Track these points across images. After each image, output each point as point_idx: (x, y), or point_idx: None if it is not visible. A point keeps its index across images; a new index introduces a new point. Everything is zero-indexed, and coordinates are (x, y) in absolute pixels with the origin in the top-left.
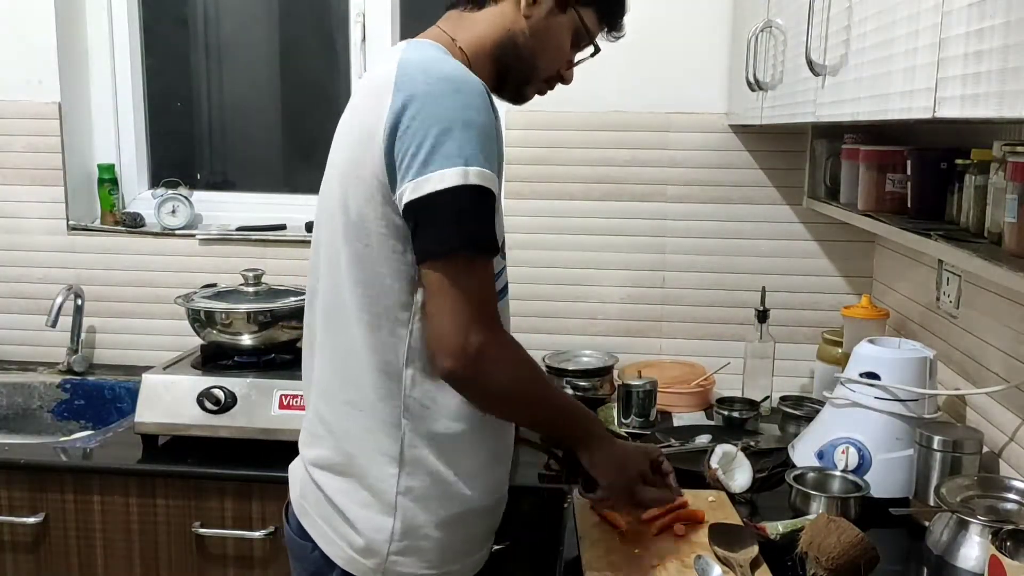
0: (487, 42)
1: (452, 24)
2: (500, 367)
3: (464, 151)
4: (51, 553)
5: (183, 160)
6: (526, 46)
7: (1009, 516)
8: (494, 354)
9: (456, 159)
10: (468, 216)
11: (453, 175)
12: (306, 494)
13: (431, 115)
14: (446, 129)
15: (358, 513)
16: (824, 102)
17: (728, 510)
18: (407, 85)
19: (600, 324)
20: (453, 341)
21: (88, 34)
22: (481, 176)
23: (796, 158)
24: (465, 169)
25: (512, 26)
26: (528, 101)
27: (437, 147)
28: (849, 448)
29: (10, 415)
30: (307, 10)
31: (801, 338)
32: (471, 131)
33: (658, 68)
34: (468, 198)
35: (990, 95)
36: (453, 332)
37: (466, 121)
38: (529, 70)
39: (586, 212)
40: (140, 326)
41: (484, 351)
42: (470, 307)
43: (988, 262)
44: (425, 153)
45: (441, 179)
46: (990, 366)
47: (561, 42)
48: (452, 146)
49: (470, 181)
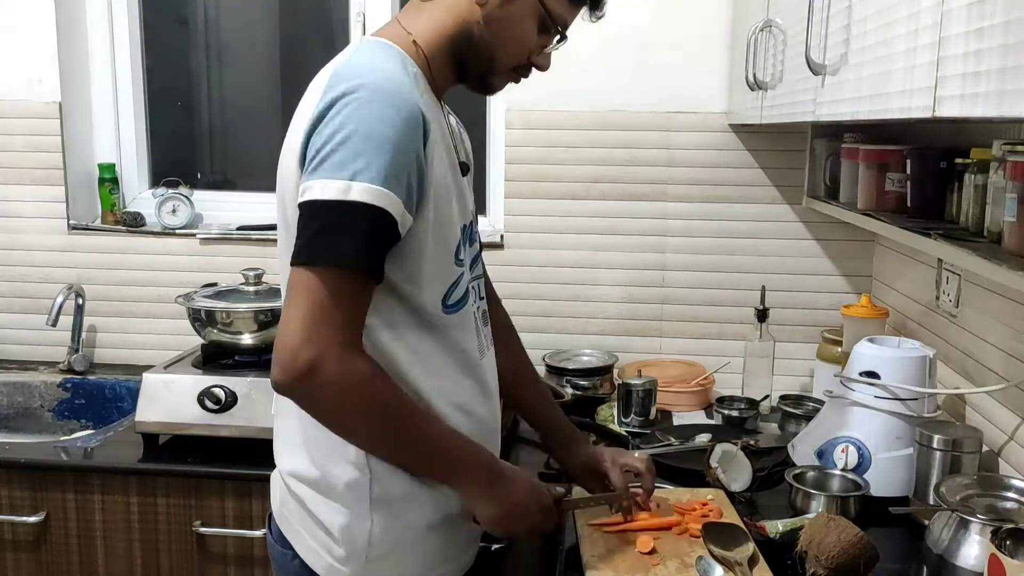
0: (443, 35)
1: (410, 17)
2: (327, 391)
3: (354, 164)
4: (52, 552)
5: (183, 159)
6: (482, 37)
7: (1008, 515)
8: (323, 375)
9: (342, 171)
10: (336, 230)
11: (333, 188)
12: (285, 503)
13: (340, 121)
14: (346, 138)
15: (335, 521)
16: (824, 101)
17: (728, 508)
18: (334, 87)
19: (600, 323)
20: (284, 353)
21: (88, 34)
22: (366, 193)
23: (796, 157)
24: (348, 184)
25: (468, 16)
26: (498, 91)
27: (331, 154)
28: (849, 447)
29: (11, 414)
30: (307, 10)
31: (801, 337)
32: (370, 143)
33: (658, 67)
34: (342, 213)
35: (990, 94)
36: (287, 343)
37: (369, 132)
38: (487, 62)
39: (586, 212)
40: (141, 325)
41: (313, 369)
42: (311, 321)
43: (988, 261)
44: (320, 158)
45: (322, 189)
46: (990, 365)
47: (522, 31)
48: (345, 156)
49: (349, 197)
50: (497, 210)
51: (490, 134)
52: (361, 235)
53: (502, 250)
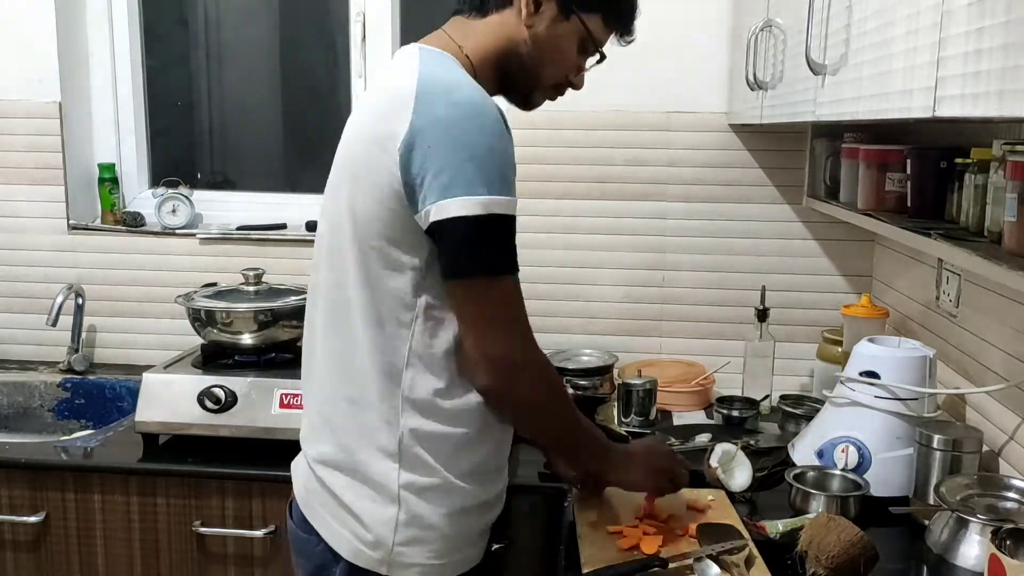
0: (490, 51)
1: (458, 31)
2: (533, 382)
3: (486, 179)
4: (52, 552)
5: (183, 159)
6: (529, 55)
7: (1009, 515)
8: (527, 369)
9: (479, 187)
10: (490, 242)
11: (476, 204)
12: (311, 489)
13: (454, 139)
14: (470, 156)
15: (363, 507)
16: (824, 101)
17: (728, 510)
18: (428, 105)
19: (600, 323)
20: (496, 362)
21: (88, 33)
22: (502, 205)
23: (796, 157)
24: (488, 199)
25: (515, 35)
26: (537, 107)
27: (461, 173)
28: (849, 447)
29: (11, 414)
30: (307, 10)
31: (801, 337)
32: (493, 158)
33: (658, 68)
34: (490, 225)
35: (990, 94)
36: (494, 352)
37: (489, 148)
38: (533, 79)
39: (586, 211)
40: (140, 325)
41: (526, 369)
42: (510, 326)
43: (988, 261)
44: (448, 176)
45: (463, 206)
46: (990, 365)
47: (565, 50)
48: (475, 173)
49: (492, 211)
50: None
51: None
52: (507, 243)
53: None
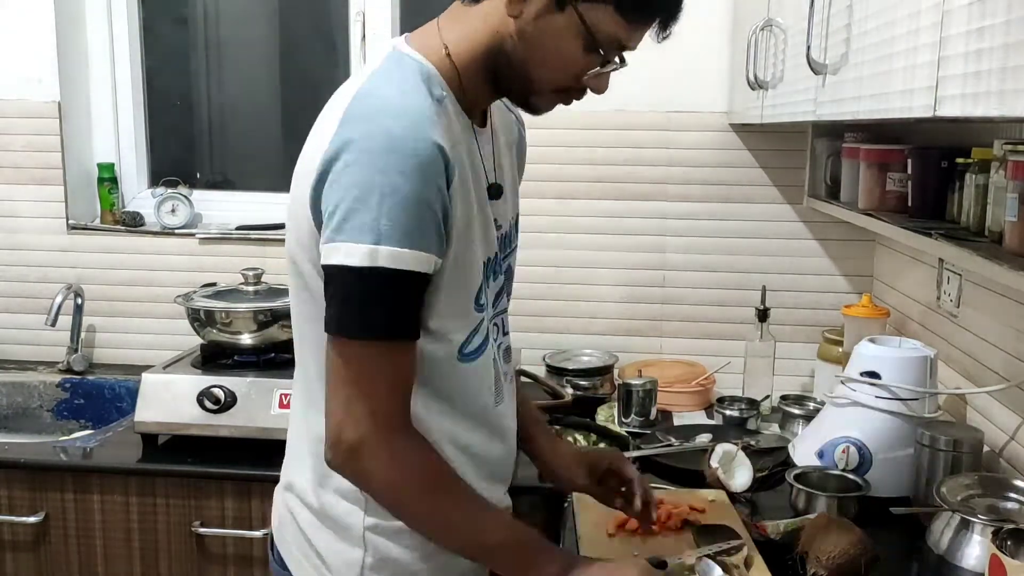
0: (477, 46)
1: (450, 23)
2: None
3: (378, 226)
4: (51, 552)
5: (183, 159)
6: (515, 52)
7: (1010, 515)
8: (367, 457)
9: (366, 234)
10: (370, 300)
11: (359, 253)
12: (284, 523)
13: (356, 173)
14: (366, 195)
15: (328, 548)
16: (824, 101)
17: (728, 510)
18: (348, 128)
19: (600, 323)
20: (331, 432)
21: (88, 33)
22: (392, 258)
23: (796, 157)
24: (374, 249)
25: (501, 28)
26: (544, 112)
27: (351, 215)
28: (849, 447)
29: (10, 414)
30: (307, 10)
31: (802, 337)
32: (392, 201)
33: (658, 67)
34: (372, 280)
35: (990, 94)
36: (332, 422)
37: (390, 189)
38: (524, 80)
39: (586, 211)
40: (140, 325)
41: (355, 451)
42: (350, 399)
43: (989, 261)
44: (339, 217)
45: (347, 254)
46: (991, 365)
47: (561, 48)
48: (367, 217)
49: (377, 263)
50: None
51: None
52: (393, 302)
53: None
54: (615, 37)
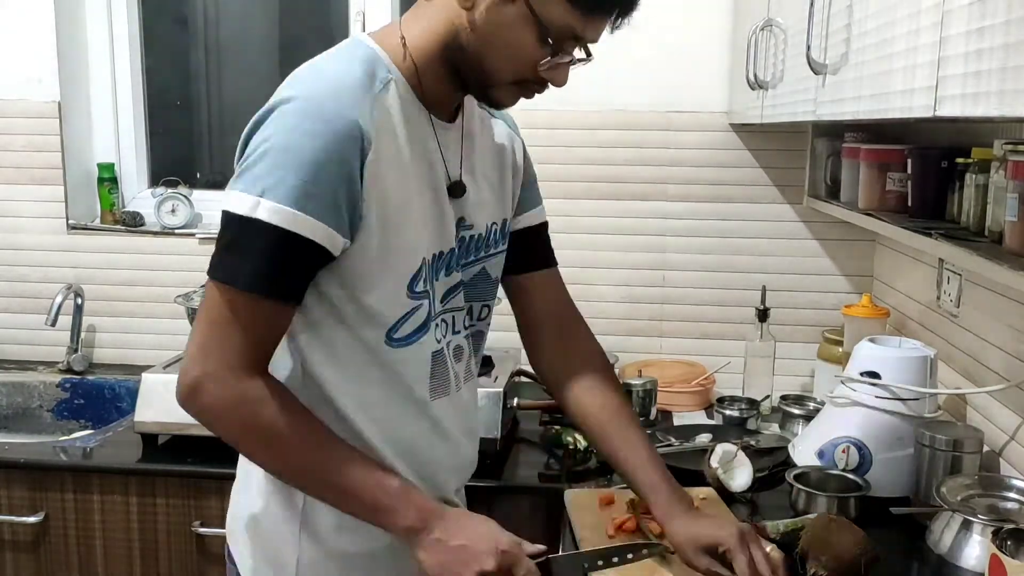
0: (434, 38)
1: (411, 16)
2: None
3: (266, 179)
4: (51, 552)
5: (183, 159)
6: (469, 44)
7: (1010, 515)
8: (208, 397)
9: (255, 186)
10: (240, 248)
11: (244, 202)
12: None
13: (269, 131)
14: (268, 150)
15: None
16: (824, 101)
17: (720, 507)
18: (280, 92)
19: (600, 323)
20: (181, 367)
21: (88, 33)
22: (273, 213)
23: (797, 157)
24: (256, 200)
25: (455, 20)
26: (507, 106)
27: (250, 166)
28: (850, 447)
29: (10, 414)
30: (307, 10)
31: (802, 337)
32: (289, 159)
33: (658, 67)
34: (249, 231)
35: (991, 94)
36: (185, 357)
37: (289, 146)
38: (480, 73)
39: (586, 211)
40: (140, 325)
41: (197, 389)
42: (206, 339)
43: (989, 261)
44: (242, 167)
45: (235, 201)
46: (991, 365)
47: (513, 39)
48: (261, 169)
49: (256, 214)
50: None
51: None
52: (265, 257)
53: None
54: (568, 28)
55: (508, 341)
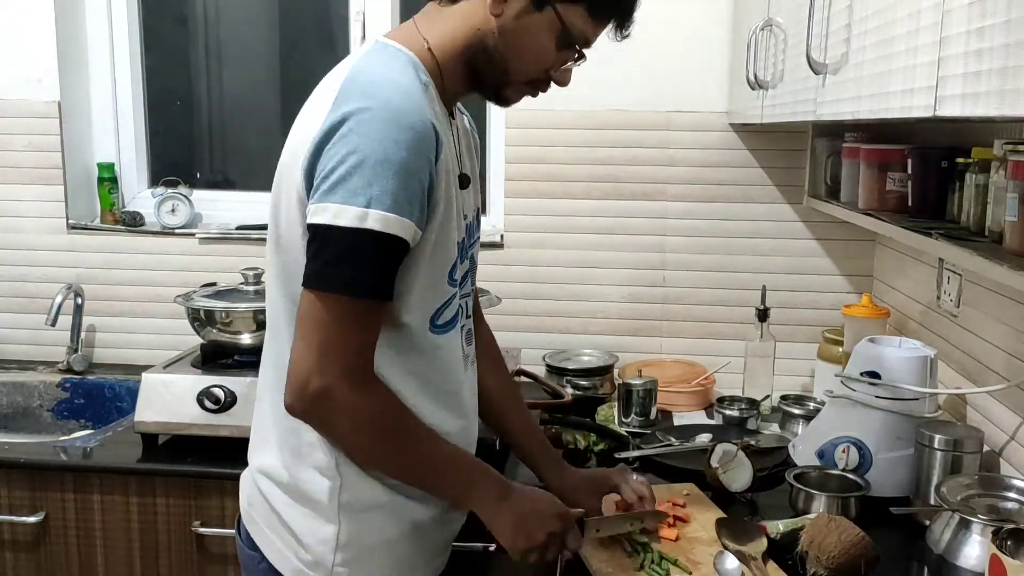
0: (458, 42)
1: (427, 22)
2: (339, 418)
3: (370, 190)
4: (51, 552)
5: (183, 159)
6: (496, 48)
7: (1010, 515)
8: (335, 403)
9: (359, 197)
10: (353, 259)
11: (350, 215)
12: (254, 504)
13: (355, 140)
14: (361, 161)
15: (302, 525)
16: (825, 101)
17: (705, 502)
18: (346, 101)
19: (600, 323)
20: (297, 379)
21: (88, 33)
22: (382, 221)
23: (797, 157)
24: (364, 211)
25: (482, 26)
26: (513, 103)
27: (346, 177)
28: (850, 447)
29: (10, 414)
30: (307, 9)
31: (802, 337)
32: (386, 169)
33: (658, 67)
34: (360, 241)
35: (991, 94)
36: (299, 369)
37: (384, 157)
38: (502, 74)
39: (586, 211)
40: (140, 325)
41: (323, 397)
42: (323, 348)
43: (989, 261)
44: (334, 179)
45: (337, 214)
46: (991, 365)
47: (538, 44)
48: (360, 181)
49: (366, 225)
50: (497, 210)
51: (490, 133)
52: (377, 263)
53: (502, 250)
54: (583, 34)
55: (508, 341)
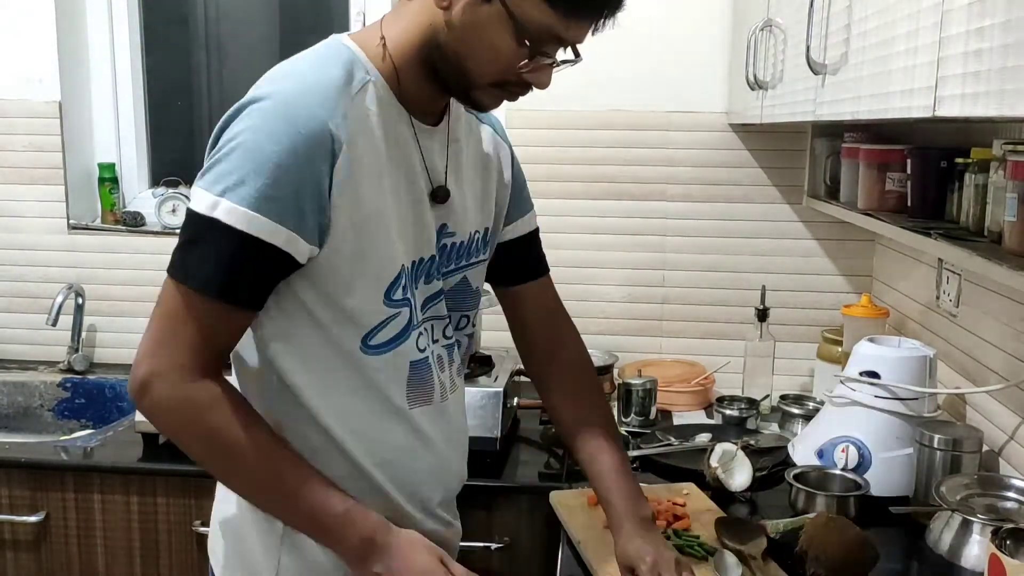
0: (413, 39)
1: (392, 16)
2: (159, 413)
3: (227, 179)
4: (52, 552)
5: (183, 159)
6: (448, 44)
7: (1009, 515)
8: (156, 396)
9: (216, 185)
10: (197, 247)
11: (204, 201)
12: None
13: (236, 130)
14: (232, 149)
15: (246, 554)
16: (824, 101)
17: (706, 502)
18: (252, 90)
19: (600, 323)
20: (134, 362)
21: (88, 32)
22: (232, 214)
23: (796, 157)
24: (216, 200)
25: (433, 20)
26: (489, 108)
27: (214, 164)
28: (849, 447)
29: (11, 414)
30: (307, 9)
31: (801, 337)
32: (252, 160)
33: (658, 67)
34: (205, 230)
35: (990, 94)
36: (137, 353)
37: (255, 147)
38: (460, 74)
39: (586, 211)
40: (141, 325)
41: (146, 386)
42: (158, 336)
43: (988, 261)
44: (207, 164)
45: (197, 199)
46: (990, 365)
47: (493, 40)
48: (224, 169)
49: (214, 214)
50: None
51: None
52: (221, 258)
53: None
54: (547, 29)
55: (508, 341)
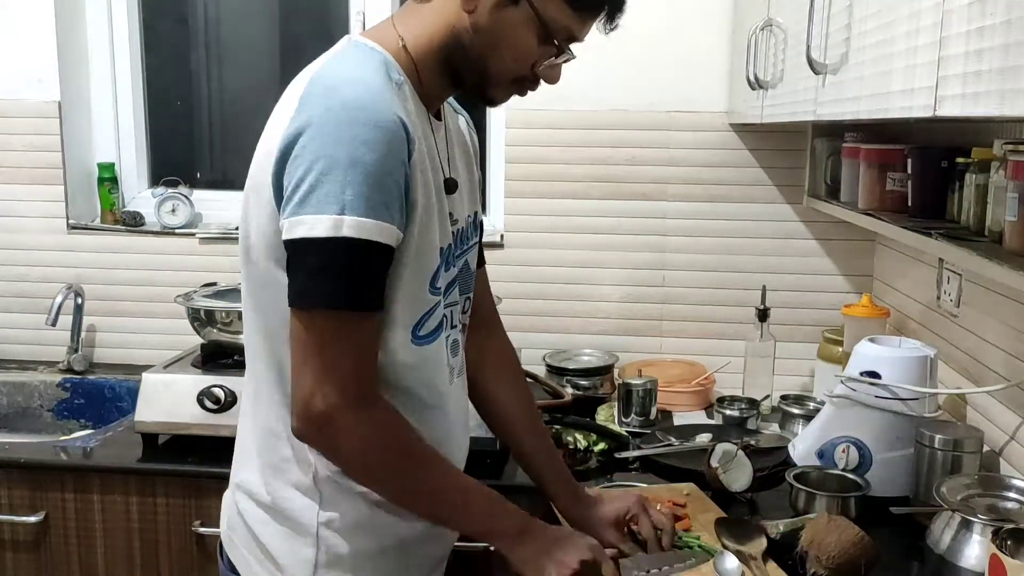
0: (433, 40)
1: (404, 19)
2: (345, 445)
3: (343, 196)
4: (51, 552)
5: (183, 159)
6: (472, 45)
7: (1009, 515)
8: (339, 430)
9: (331, 205)
10: (335, 271)
11: (324, 224)
12: (233, 526)
13: (320, 146)
14: (330, 167)
15: (280, 546)
16: (825, 100)
17: (706, 502)
18: (308, 106)
19: (600, 323)
20: (299, 405)
21: (88, 32)
22: (357, 227)
23: (796, 157)
24: (338, 219)
25: (456, 22)
26: (500, 103)
27: (316, 186)
28: (849, 447)
29: (10, 414)
30: (307, 9)
31: (801, 337)
32: (356, 172)
33: (658, 67)
34: (337, 251)
35: (990, 93)
36: (300, 394)
37: (353, 160)
38: (481, 73)
39: (586, 211)
40: (140, 325)
41: (327, 423)
42: (317, 372)
43: (989, 261)
44: (304, 190)
45: (312, 226)
46: (991, 365)
47: (517, 40)
48: (331, 188)
49: (342, 233)
50: (497, 210)
51: (490, 133)
52: (359, 272)
53: (502, 250)
54: (566, 28)
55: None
